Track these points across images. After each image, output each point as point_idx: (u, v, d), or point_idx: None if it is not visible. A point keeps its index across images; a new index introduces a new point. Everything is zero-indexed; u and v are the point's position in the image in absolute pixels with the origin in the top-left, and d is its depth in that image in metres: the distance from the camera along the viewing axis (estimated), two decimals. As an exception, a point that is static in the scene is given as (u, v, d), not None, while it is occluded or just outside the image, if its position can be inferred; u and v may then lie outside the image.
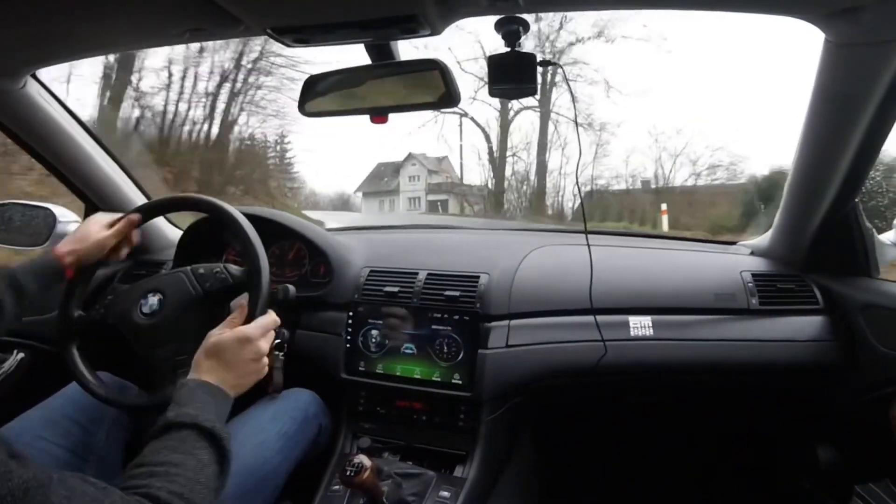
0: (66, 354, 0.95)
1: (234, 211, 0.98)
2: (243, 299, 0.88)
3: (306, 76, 0.92)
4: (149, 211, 1.07)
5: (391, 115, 0.91)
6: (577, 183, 1.08)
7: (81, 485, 0.52)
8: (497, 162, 11.25)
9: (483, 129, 11.26)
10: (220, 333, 0.79)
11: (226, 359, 0.76)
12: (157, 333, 0.91)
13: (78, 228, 0.99)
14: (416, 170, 12.69)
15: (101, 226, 0.98)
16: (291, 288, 1.11)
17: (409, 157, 12.64)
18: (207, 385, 0.73)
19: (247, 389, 0.79)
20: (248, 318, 0.84)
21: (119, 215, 1.01)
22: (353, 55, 0.87)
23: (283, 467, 0.98)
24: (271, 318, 0.86)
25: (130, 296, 0.96)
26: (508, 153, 11.24)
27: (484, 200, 11.47)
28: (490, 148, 11.30)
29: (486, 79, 0.83)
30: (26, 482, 0.46)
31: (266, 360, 0.82)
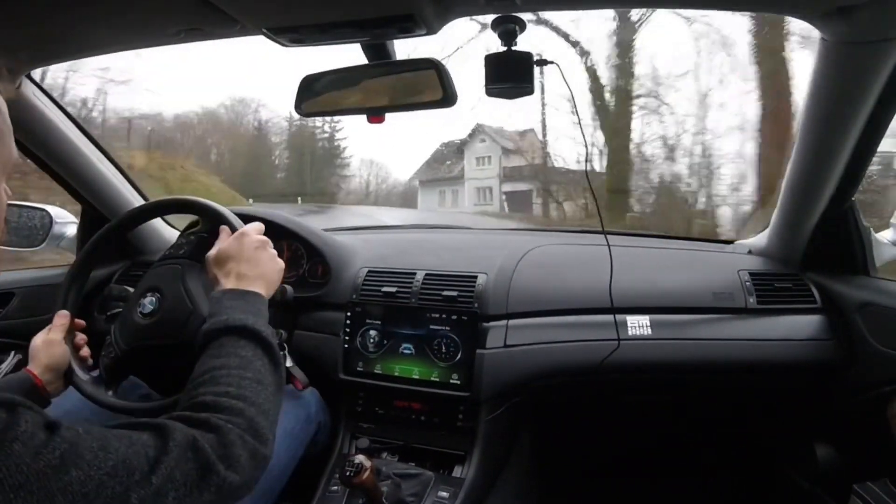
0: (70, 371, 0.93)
1: (225, 210, 0.98)
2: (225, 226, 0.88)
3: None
4: (147, 213, 1.08)
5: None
6: (587, 181, 1.08)
7: (104, 435, 0.50)
8: (613, 147, 7.20)
9: (595, 88, 6.90)
10: (216, 247, 0.80)
11: (234, 257, 0.76)
12: (164, 327, 0.91)
13: (30, 349, 0.90)
14: (486, 148, 9.00)
15: (42, 338, 0.91)
16: (289, 288, 1.11)
17: (477, 130, 9.04)
18: (231, 290, 0.73)
19: (276, 283, 0.80)
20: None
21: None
22: (351, 55, 0.87)
23: (289, 467, 0.98)
24: (256, 224, 0.86)
25: (129, 307, 0.95)
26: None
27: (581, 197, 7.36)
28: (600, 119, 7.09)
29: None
30: (57, 448, 0.45)
31: (273, 251, 0.82)
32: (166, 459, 0.50)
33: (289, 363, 1.06)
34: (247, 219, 0.98)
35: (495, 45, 0.82)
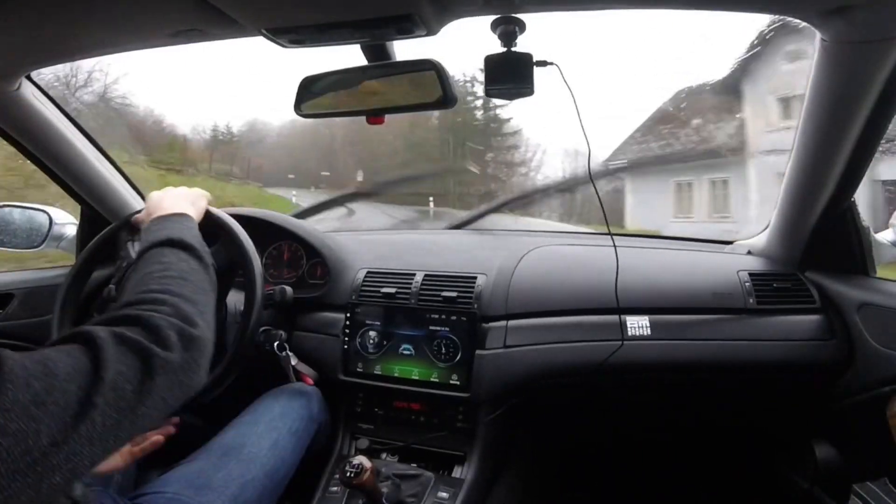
0: None
1: (222, 214, 0.99)
2: None
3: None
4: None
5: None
6: (592, 183, 1.08)
7: (36, 351, 0.48)
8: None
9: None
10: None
11: (164, 197, 0.82)
12: None
13: None
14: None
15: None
16: (288, 289, 1.11)
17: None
18: (158, 217, 0.77)
19: (203, 209, 0.88)
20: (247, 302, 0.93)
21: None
22: (351, 56, 0.87)
23: (294, 465, 0.98)
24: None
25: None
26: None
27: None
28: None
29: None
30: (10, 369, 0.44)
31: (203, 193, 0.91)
32: (103, 354, 0.49)
33: (294, 361, 1.07)
34: (245, 220, 0.98)
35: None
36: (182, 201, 0.83)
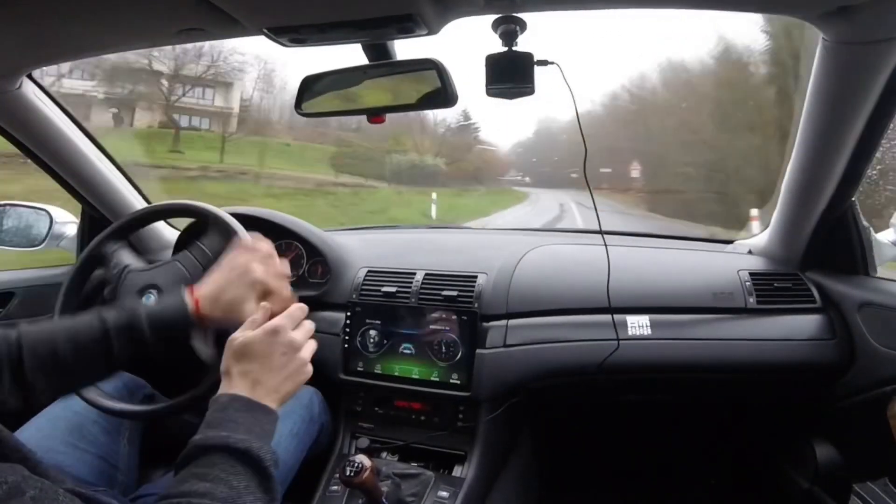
0: None
1: (224, 214, 0.99)
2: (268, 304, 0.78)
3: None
4: (149, 216, 1.09)
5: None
6: (586, 182, 1.08)
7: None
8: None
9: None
10: (245, 334, 0.69)
11: (258, 359, 0.67)
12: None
13: (229, 282, 0.77)
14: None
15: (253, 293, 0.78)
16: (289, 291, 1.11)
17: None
18: (240, 398, 0.63)
19: (291, 395, 0.70)
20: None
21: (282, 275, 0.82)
22: (352, 56, 0.87)
23: (294, 468, 0.98)
24: (298, 306, 0.76)
25: (125, 297, 0.95)
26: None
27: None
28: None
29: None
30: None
31: (306, 354, 0.73)
32: None
33: None
34: (249, 220, 0.98)
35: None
36: (278, 380, 0.67)
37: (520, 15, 0.78)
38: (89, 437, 0.89)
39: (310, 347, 0.74)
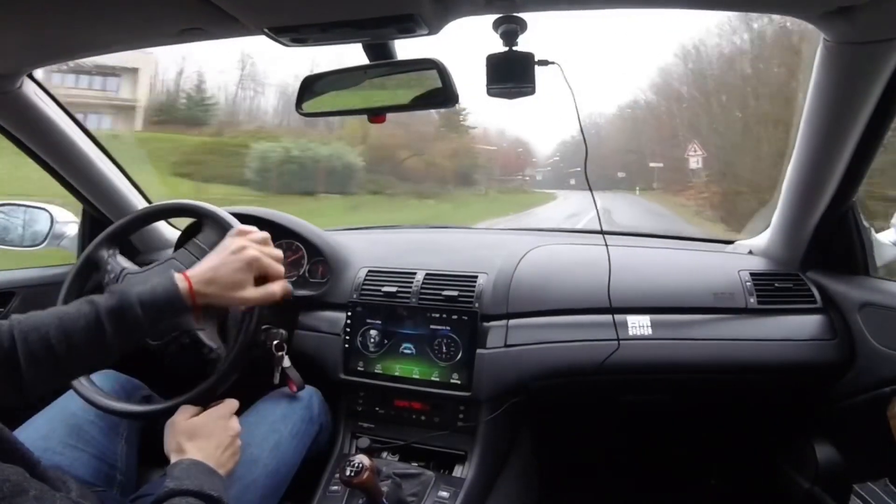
0: None
1: (219, 211, 0.99)
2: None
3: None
4: (150, 216, 1.10)
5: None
6: (587, 183, 1.08)
7: None
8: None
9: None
10: (187, 417, 0.80)
11: (207, 437, 0.77)
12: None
13: (224, 265, 0.80)
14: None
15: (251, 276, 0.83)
16: (289, 286, 1.11)
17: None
18: (202, 463, 0.73)
19: (231, 472, 0.80)
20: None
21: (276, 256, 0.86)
22: (353, 56, 0.87)
23: (294, 468, 0.98)
24: (232, 402, 0.87)
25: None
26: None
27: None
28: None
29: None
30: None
31: (238, 441, 0.82)
32: None
33: (286, 363, 1.06)
34: (247, 219, 0.98)
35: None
36: (221, 448, 0.78)
37: (520, 15, 0.78)
38: (87, 437, 0.89)
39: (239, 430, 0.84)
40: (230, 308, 0.97)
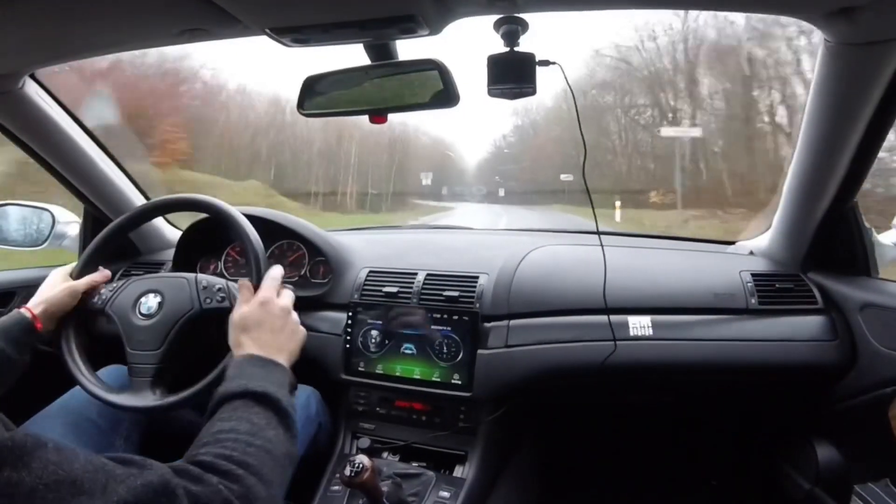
0: (65, 354, 0.94)
1: (234, 210, 0.99)
2: (245, 280, 0.88)
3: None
4: (151, 211, 1.09)
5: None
6: (584, 183, 1.08)
7: (74, 456, 0.47)
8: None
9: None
10: (241, 308, 0.80)
11: (259, 325, 0.77)
12: (151, 336, 0.91)
13: (44, 283, 0.96)
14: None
15: (66, 275, 0.97)
16: (290, 288, 1.11)
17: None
18: (253, 357, 0.73)
19: (296, 353, 0.81)
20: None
21: (81, 265, 0.99)
22: (354, 56, 0.87)
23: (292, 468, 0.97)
24: (276, 270, 0.88)
25: (131, 292, 0.96)
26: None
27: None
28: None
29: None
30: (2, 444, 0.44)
31: (296, 316, 0.84)
32: (122, 488, 0.46)
33: None
34: (250, 220, 0.98)
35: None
36: (281, 339, 0.79)
37: (521, 15, 0.78)
38: (82, 435, 0.90)
39: (292, 307, 0.85)
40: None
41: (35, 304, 0.91)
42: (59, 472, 0.44)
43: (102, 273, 1.00)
